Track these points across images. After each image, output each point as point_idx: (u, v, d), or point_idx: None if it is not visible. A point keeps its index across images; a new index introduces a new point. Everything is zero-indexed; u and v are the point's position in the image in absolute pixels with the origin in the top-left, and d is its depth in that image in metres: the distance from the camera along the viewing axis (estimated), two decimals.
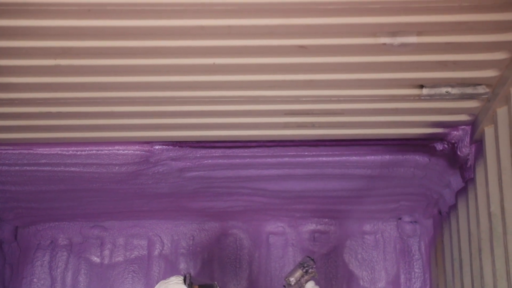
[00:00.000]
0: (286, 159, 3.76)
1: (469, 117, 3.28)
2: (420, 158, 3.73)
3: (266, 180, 4.12)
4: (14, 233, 4.92)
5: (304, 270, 3.43)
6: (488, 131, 3.15)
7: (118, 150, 3.61)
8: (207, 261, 4.89)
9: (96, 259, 4.95)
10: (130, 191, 4.22)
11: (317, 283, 3.46)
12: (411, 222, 4.82)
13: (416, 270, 4.80)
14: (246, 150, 3.69)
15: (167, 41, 2.66)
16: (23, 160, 3.68)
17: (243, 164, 3.84)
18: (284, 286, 3.45)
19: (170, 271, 4.82)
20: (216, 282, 3.39)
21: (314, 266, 3.45)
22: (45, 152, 3.63)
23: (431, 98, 3.06)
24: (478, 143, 3.32)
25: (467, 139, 3.39)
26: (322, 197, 4.44)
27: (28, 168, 3.79)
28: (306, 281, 3.43)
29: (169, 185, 4.14)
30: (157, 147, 3.64)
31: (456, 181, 3.80)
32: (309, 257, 3.49)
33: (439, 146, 3.58)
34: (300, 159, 3.76)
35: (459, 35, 2.63)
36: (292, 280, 3.41)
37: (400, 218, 4.85)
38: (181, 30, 2.58)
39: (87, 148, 3.61)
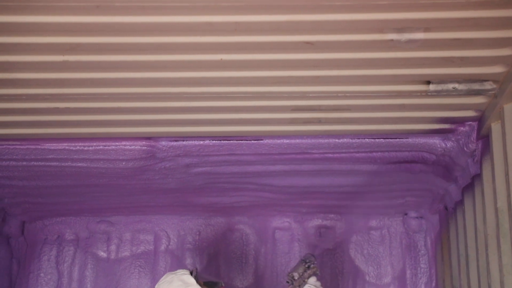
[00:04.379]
0: (293, 155, 3.76)
1: (475, 113, 3.28)
2: (426, 154, 3.73)
3: (272, 175, 4.13)
4: (21, 228, 4.94)
5: (306, 266, 3.49)
6: (495, 127, 3.15)
7: (125, 145, 3.62)
8: (213, 256, 4.90)
9: (102, 254, 4.96)
10: (136, 186, 4.23)
11: (318, 279, 3.50)
12: (417, 217, 4.83)
13: (422, 266, 4.80)
14: (252, 146, 3.69)
15: (175, 37, 2.66)
16: (31, 155, 3.70)
17: (249, 160, 3.85)
18: (288, 281, 3.51)
19: (177, 266, 4.83)
20: (221, 281, 3.40)
21: (316, 263, 3.52)
22: (52, 148, 3.64)
23: (438, 94, 3.06)
24: (485, 139, 3.32)
25: (474, 135, 3.39)
26: (328, 193, 4.44)
27: (35, 163, 3.80)
28: (309, 276, 3.48)
29: (175, 180, 4.15)
30: (163, 143, 3.64)
31: (462, 177, 3.80)
32: (311, 254, 3.57)
33: (445, 142, 3.58)
34: (307, 155, 3.76)
35: (466, 31, 2.63)
36: (296, 275, 3.47)
37: (406, 214, 4.86)
38: (189, 26, 2.58)
39: (94, 144, 3.62)
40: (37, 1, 2.43)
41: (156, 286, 3.13)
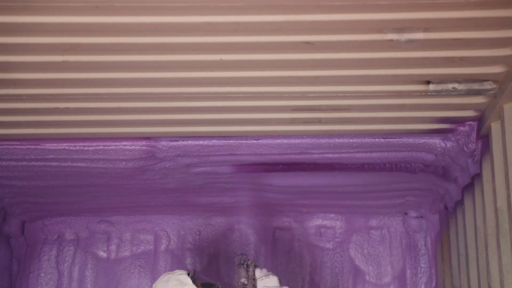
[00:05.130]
0: (292, 155, 3.76)
1: (475, 113, 3.28)
2: (426, 154, 3.73)
3: (272, 175, 4.12)
4: (21, 228, 4.94)
5: (245, 266, 3.51)
6: (495, 127, 3.15)
7: (125, 145, 3.62)
8: (213, 256, 4.90)
9: (102, 254, 4.96)
10: (136, 186, 4.23)
11: (261, 268, 3.54)
12: (417, 217, 4.83)
13: (422, 265, 4.80)
14: (252, 146, 3.69)
15: (175, 38, 2.66)
16: (31, 156, 3.70)
17: (249, 160, 3.85)
18: None
19: (177, 266, 4.83)
20: (218, 283, 3.41)
21: (249, 258, 3.55)
22: (52, 148, 3.64)
23: (437, 94, 3.06)
24: (485, 139, 3.32)
25: (474, 135, 3.39)
26: (328, 192, 4.44)
27: (35, 163, 3.80)
28: (253, 273, 3.50)
29: (175, 180, 4.15)
30: (163, 143, 3.64)
31: (462, 177, 3.80)
32: (240, 253, 3.61)
33: (445, 142, 3.58)
34: (307, 155, 3.76)
35: (465, 31, 2.63)
36: (243, 280, 3.50)
37: (406, 213, 4.86)
38: (189, 26, 2.58)
39: (94, 144, 3.62)
40: (37, 1, 2.43)
41: (153, 286, 3.15)
